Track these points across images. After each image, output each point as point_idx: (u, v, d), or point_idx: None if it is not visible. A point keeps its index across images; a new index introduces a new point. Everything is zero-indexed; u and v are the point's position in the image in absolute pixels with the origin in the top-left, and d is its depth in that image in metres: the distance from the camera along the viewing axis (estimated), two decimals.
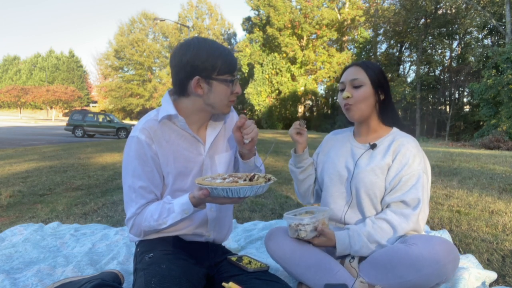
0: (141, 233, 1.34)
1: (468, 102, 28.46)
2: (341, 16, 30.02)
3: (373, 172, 1.40)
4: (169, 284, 1.12)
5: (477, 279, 1.52)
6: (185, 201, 1.22)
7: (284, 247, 1.42)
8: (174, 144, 1.34)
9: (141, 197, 1.31)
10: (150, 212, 1.28)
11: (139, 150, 1.29)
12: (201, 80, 1.26)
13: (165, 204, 1.27)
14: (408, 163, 1.37)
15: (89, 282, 1.31)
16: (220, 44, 1.30)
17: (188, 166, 1.36)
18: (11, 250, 1.99)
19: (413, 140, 1.44)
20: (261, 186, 1.11)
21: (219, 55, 1.25)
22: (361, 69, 1.44)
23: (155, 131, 1.31)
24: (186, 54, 1.25)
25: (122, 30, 47.93)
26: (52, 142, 13.35)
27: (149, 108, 9.03)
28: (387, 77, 1.49)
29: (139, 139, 1.29)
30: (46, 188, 4.00)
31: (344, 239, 1.36)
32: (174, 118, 1.32)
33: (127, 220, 1.34)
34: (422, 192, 1.34)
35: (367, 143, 1.49)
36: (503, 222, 2.43)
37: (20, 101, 45.11)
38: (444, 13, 26.50)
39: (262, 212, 2.89)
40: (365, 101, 1.43)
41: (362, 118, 1.46)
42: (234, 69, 1.30)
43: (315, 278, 1.34)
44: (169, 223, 1.25)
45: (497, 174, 4.31)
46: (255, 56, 30.92)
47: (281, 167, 5.32)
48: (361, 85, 1.42)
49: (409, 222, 1.32)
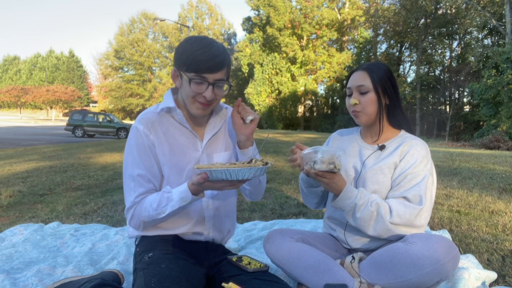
0: (140, 225, 1.34)
1: (468, 102, 28.48)
2: (341, 16, 30.01)
3: (381, 170, 1.41)
4: (168, 284, 1.12)
5: (477, 279, 1.52)
6: (184, 189, 1.22)
7: (282, 249, 1.42)
8: (171, 137, 1.36)
9: (139, 185, 1.32)
10: (150, 202, 1.29)
11: (137, 139, 1.33)
12: (177, 71, 1.29)
13: (164, 193, 1.28)
14: (416, 163, 1.37)
15: (89, 282, 1.32)
16: (210, 42, 1.25)
17: (184, 160, 1.36)
18: (11, 250, 1.99)
19: (422, 142, 1.44)
20: (259, 168, 1.12)
21: (194, 51, 1.22)
22: (367, 75, 1.43)
23: (152, 122, 1.34)
24: (177, 48, 1.30)
25: (122, 30, 47.94)
26: (52, 142, 13.35)
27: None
28: (394, 79, 1.47)
29: (137, 129, 1.34)
30: (46, 188, 4.00)
31: (353, 190, 1.34)
32: (173, 111, 1.35)
33: (127, 210, 1.34)
34: (425, 191, 1.34)
35: (375, 145, 1.49)
36: (503, 222, 2.43)
37: (20, 101, 45.10)
38: (444, 13, 26.51)
39: (262, 212, 2.89)
40: (372, 107, 1.43)
41: (370, 122, 1.47)
42: (203, 70, 1.22)
43: (314, 279, 1.34)
44: (168, 212, 1.26)
45: (497, 174, 4.31)
46: (255, 56, 30.92)
47: (281, 167, 5.32)
48: (368, 91, 1.42)
49: (406, 211, 1.31)
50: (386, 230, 1.32)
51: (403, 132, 1.51)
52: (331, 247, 1.53)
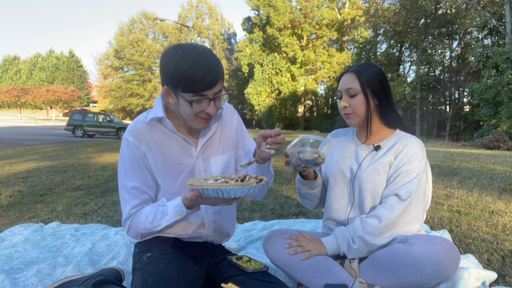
0: (138, 235, 1.35)
1: (468, 102, 28.47)
2: (341, 16, 30.01)
3: (376, 171, 1.41)
4: (165, 283, 1.12)
5: (477, 279, 1.52)
6: (178, 203, 1.22)
7: (282, 249, 1.42)
8: (164, 146, 1.33)
9: (134, 197, 1.32)
10: (145, 215, 1.29)
11: (128, 151, 1.32)
12: (169, 89, 1.21)
13: (160, 207, 1.28)
14: (410, 160, 1.37)
15: (93, 278, 1.33)
16: (200, 55, 1.16)
17: (178, 168, 1.35)
18: (11, 250, 1.99)
19: (417, 140, 1.44)
20: (252, 186, 1.09)
21: (187, 70, 1.13)
22: (355, 77, 1.43)
23: (142, 133, 1.32)
24: (162, 60, 1.20)
25: (122, 30, 47.91)
26: (52, 142, 13.35)
27: (149, 108, 9.08)
28: (384, 79, 1.47)
29: (128, 140, 1.32)
30: (46, 188, 4.00)
31: (328, 241, 1.41)
32: (163, 120, 1.31)
33: (124, 221, 1.35)
34: (417, 187, 1.34)
35: (371, 145, 1.49)
36: (503, 222, 2.43)
37: (20, 101, 45.11)
38: (444, 13, 26.50)
39: (262, 212, 2.89)
40: (362, 109, 1.43)
41: (362, 123, 1.48)
42: (202, 89, 1.16)
43: (314, 279, 1.34)
44: (164, 225, 1.26)
45: (497, 174, 4.31)
46: (255, 56, 30.92)
47: (281, 167, 5.32)
48: (356, 93, 1.43)
49: (394, 211, 1.32)
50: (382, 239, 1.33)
51: (398, 131, 1.51)
52: None
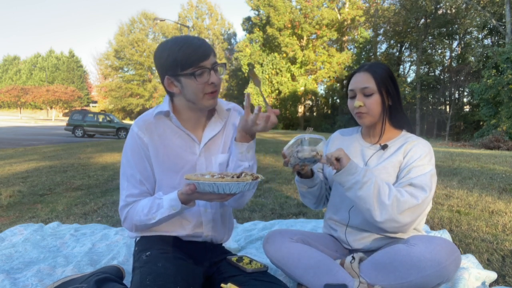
0: (132, 227, 1.36)
1: (468, 102, 28.48)
2: (341, 16, 30.01)
3: (385, 170, 1.40)
4: (163, 282, 1.12)
5: (477, 279, 1.52)
6: (174, 197, 1.23)
7: (282, 249, 1.42)
8: (167, 140, 1.35)
9: (132, 186, 1.34)
10: (141, 207, 1.31)
11: (132, 141, 1.35)
12: (171, 78, 1.26)
13: (156, 200, 1.29)
14: (420, 157, 1.37)
15: (95, 275, 1.33)
16: (186, 36, 1.24)
17: (179, 163, 1.36)
18: (11, 250, 1.99)
19: (425, 141, 1.44)
20: (248, 183, 1.09)
21: (179, 50, 1.20)
22: (370, 76, 1.41)
23: (148, 124, 1.34)
24: (155, 55, 1.28)
25: (122, 30, 47.91)
26: (52, 142, 13.35)
27: (149, 108, 9.10)
28: (395, 79, 1.46)
29: (133, 131, 1.35)
30: (46, 188, 3.99)
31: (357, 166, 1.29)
32: (169, 114, 1.34)
33: (121, 208, 1.36)
34: (430, 180, 1.32)
35: (377, 144, 1.49)
36: (503, 222, 2.43)
37: (20, 101, 45.10)
38: (444, 13, 26.52)
39: (262, 212, 2.89)
40: (378, 108, 1.42)
41: (373, 123, 1.47)
42: (198, 60, 1.21)
43: (314, 279, 1.33)
44: (158, 218, 1.27)
45: (497, 174, 4.31)
46: (255, 56, 30.92)
47: (281, 167, 5.32)
48: (372, 93, 1.41)
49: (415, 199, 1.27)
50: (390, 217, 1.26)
51: (405, 132, 1.51)
52: (331, 248, 1.53)
